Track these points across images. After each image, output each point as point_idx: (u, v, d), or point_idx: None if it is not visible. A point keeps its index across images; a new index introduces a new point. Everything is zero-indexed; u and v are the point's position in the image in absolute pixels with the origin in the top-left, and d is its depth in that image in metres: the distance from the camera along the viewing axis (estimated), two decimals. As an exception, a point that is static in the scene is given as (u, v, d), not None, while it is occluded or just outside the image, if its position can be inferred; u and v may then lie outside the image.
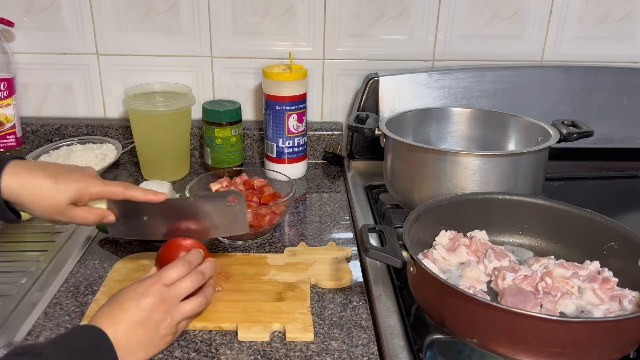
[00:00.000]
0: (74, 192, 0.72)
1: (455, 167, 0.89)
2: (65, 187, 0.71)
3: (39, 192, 0.69)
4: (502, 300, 0.71)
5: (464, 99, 1.18)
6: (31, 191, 0.69)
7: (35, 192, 0.69)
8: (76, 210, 0.73)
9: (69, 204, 0.72)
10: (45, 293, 0.80)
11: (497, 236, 0.87)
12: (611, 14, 1.22)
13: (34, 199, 0.69)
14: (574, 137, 0.97)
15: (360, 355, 0.70)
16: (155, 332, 0.66)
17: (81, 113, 1.30)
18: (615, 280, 0.73)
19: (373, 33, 1.23)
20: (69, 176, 0.73)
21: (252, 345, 0.71)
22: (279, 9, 1.21)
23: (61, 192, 0.70)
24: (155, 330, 0.66)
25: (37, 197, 0.69)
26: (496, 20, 1.22)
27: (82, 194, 0.73)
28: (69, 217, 0.72)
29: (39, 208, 0.70)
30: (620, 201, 1.15)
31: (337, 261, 0.88)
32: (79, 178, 0.73)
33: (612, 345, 0.61)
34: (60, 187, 0.70)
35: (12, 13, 1.20)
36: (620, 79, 1.20)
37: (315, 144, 1.29)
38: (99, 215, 0.75)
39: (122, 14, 1.21)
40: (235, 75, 1.27)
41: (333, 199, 1.12)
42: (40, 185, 0.69)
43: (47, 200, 0.70)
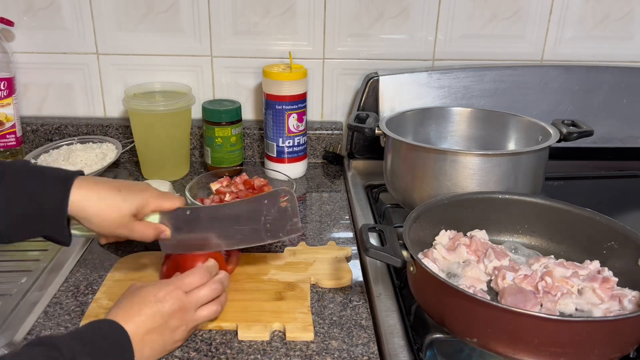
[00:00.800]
0: (138, 202, 0.72)
1: (455, 166, 0.89)
2: (130, 197, 0.71)
3: (105, 203, 0.69)
4: (502, 300, 0.71)
5: (464, 98, 1.18)
6: (97, 202, 0.69)
7: (101, 204, 0.69)
8: (137, 224, 0.73)
9: (132, 216, 0.72)
10: (45, 292, 0.80)
11: (497, 236, 0.87)
12: (611, 13, 1.22)
13: (100, 211, 0.69)
14: (574, 137, 0.97)
15: (360, 355, 0.70)
16: (169, 338, 0.67)
17: (81, 112, 1.30)
18: (615, 279, 0.73)
19: (373, 32, 1.23)
20: (131, 188, 0.73)
21: (252, 345, 0.71)
22: (279, 8, 1.21)
23: (126, 202, 0.71)
24: (170, 336, 0.67)
25: (103, 208, 0.69)
26: (496, 19, 1.22)
27: (145, 206, 0.73)
28: (129, 230, 0.72)
29: (103, 221, 0.70)
30: (620, 201, 1.15)
31: (337, 260, 0.88)
32: (141, 190, 0.74)
33: (612, 344, 0.61)
34: (125, 198, 0.71)
35: (12, 12, 1.20)
36: (620, 79, 1.20)
37: (315, 144, 1.29)
38: (157, 229, 0.75)
39: (122, 14, 1.21)
40: (235, 74, 1.27)
41: (333, 199, 1.12)
42: (105, 196, 0.70)
43: (112, 211, 0.70)
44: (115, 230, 0.71)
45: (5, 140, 1.20)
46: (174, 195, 0.78)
